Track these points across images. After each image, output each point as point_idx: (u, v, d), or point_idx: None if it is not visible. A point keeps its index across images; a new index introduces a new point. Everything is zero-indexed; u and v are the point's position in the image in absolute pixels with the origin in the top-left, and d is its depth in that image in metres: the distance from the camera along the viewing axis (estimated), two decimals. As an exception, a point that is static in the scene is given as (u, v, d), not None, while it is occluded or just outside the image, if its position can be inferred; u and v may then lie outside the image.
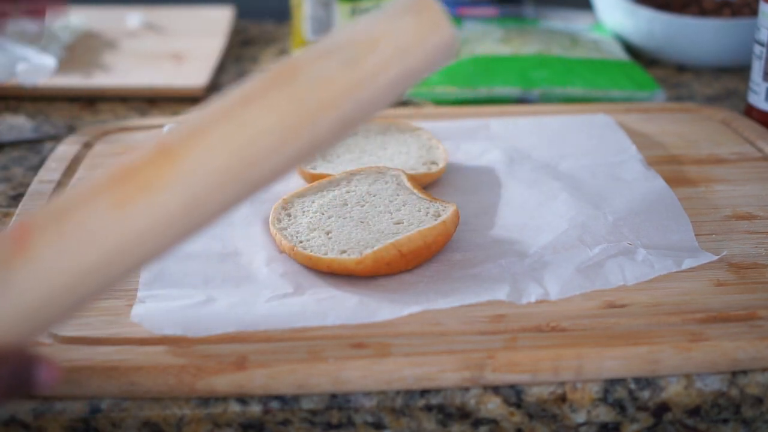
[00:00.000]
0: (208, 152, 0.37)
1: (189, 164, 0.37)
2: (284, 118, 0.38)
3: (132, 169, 0.36)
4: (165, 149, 0.37)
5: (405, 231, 0.53)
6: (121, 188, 0.36)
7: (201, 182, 0.37)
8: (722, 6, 0.91)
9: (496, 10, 1.00)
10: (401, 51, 0.40)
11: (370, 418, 0.46)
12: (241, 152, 0.37)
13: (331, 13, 0.84)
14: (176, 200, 0.36)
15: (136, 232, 0.36)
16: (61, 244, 0.35)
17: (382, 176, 0.59)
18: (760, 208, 0.60)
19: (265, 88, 0.38)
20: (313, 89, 0.38)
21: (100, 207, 0.36)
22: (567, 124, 0.71)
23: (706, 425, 0.47)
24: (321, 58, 0.39)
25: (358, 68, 0.39)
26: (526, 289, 0.51)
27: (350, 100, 0.39)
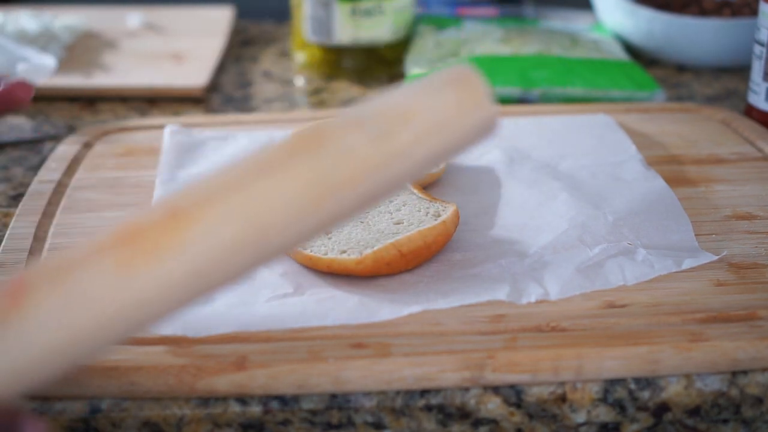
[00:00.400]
0: (220, 221, 0.35)
1: (199, 232, 0.35)
2: (304, 191, 0.36)
3: (139, 231, 0.35)
4: (175, 213, 0.35)
5: (405, 231, 0.53)
6: (125, 251, 0.34)
7: (210, 251, 0.35)
8: (722, 6, 0.91)
9: (496, 10, 1.00)
10: (437, 128, 0.37)
11: (370, 418, 0.46)
12: (255, 223, 0.35)
13: (331, 13, 0.84)
14: (182, 268, 0.34)
15: (136, 297, 0.34)
16: (57, 304, 0.34)
17: None
18: (760, 208, 0.60)
19: (288, 157, 0.36)
20: (339, 163, 0.36)
21: (101, 268, 0.34)
22: (567, 124, 0.71)
23: (706, 425, 0.47)
24: (350, 130, 0.37)
25: (389, 144, 0.36)
26: (526, 289, 0.51)
27: (377, 177, 0.36)
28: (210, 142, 0.68)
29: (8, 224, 0.59)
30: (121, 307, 0.34)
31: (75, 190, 0.63)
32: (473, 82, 0.37)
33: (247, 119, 0.74)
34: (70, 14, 0.98)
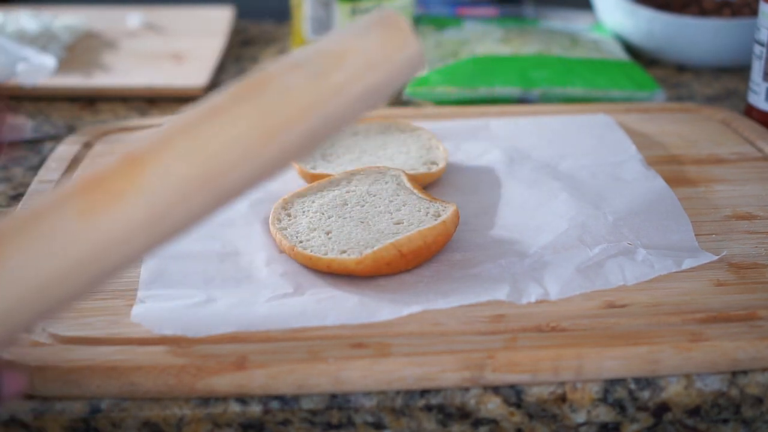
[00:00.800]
0: (175, 161, 0.37)
1: (154, 174, 0.37)
2: (251, 129, 0.38)
3: (99, 178, 0.36)
4: (132, 158, 0.37)
5: (405, 231, 0.53)
6: (87, 197, 0.36)
7: (167, 191, 0.37)
8: (722, 6, 0.91)
9: (496, 10, 1.00)
10: (368, 65, 0.40)
11: (370, 418, 0.46)
12: (208, 162, 0.37)
13: (331, 13, 0.84)
14: (143, 209, 0.36)
15: (102, 240, 0.36)
16: (26, 252, 0.35)
17: (382, 176, 0.59)
18: (760, 208, 0.60)
19: (234, 100, 0.39)
20: (280, 102, 0.39)
21: (66, 215, 0.35)
22: (567, 124, 0.71)
23: (706, 425, 0.47)
24: (289, 71, 0.40)
25: (325, 82, 0.39)
26: (526, 289, 0.51)
27: (317, 114, 0.39)
28: None
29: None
30: (87, 252, 0.35)
31: (75, 190, 0.63)
32: (398, 23, 0.41)
33: (247, 119, 0.74)
34: (70, 14, 0.98)
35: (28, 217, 0.36)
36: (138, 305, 0.49)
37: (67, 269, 0.35)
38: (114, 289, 0.52)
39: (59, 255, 0.35)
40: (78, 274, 0.35)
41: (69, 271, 0.35)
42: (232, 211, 0.58)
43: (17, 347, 0.47)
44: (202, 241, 0.55)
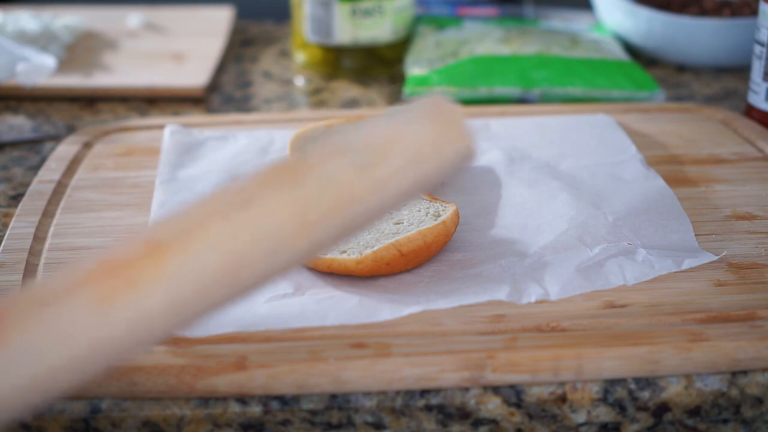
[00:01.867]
0: (200, 252, 0.34)
1: (178, 263, 0.34)
2: (286, 222, 0.35)
3: (118, 263, 0.34)
4: (155, 245, 0.35)
5: (405, 231, 0.53)
6: (104, 283, 0.34)
7: (189, 283, 0.34)
8: (722, 6, 0.91)
9: (496, 10, 1.00)
10: (416, 158, 0.37)
11: (370, 418, 0.46)
12: (235, 254, 0.35)
13: (331, 13, 0.84)
14: (161, 300, 0.34)
15: (115, 330, 0.34)
16: (37, 337, 0.33)
17: None
18: (760, 208, 0.60)
19: (270, 187, 0.36)
20: (321, 193, 0.36)
21: (80, 300, 0.34)
22: (567, 124, 0.71)
23: (706, 425, 0.47)
24: (332, 159, 0.36)
25: (370, 175, 0.36)
26: (527, 289, 0.51)
27: (358, 207, 0.36)
28: (210, 142, 0.68)
29: (8, 224, 0.60)
30: (101, 341, 0.34)
31: (75, 190, 0.63)
32: (450, 112, 0.38)
33: (247, 119, 0.74)
34: (70, 14, 0.98)
35: (43, 297, 0.34)
36: None
37: (81, 355, 0.34)
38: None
39: (74, 340, 0.34)
40: (91, 360, 0.34)
41: (82, 356, 0.34)
42: None
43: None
44: None
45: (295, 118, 0.75)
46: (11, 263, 0.54)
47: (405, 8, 0.87)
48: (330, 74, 0.88)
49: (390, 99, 0.83)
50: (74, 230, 0.58)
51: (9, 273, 0.53)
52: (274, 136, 0.69)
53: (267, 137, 0.68)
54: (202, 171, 0.64)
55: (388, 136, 0.37)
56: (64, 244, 0.56)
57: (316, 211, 0.36)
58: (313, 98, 0.85)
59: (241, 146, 0.67)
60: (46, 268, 0.54)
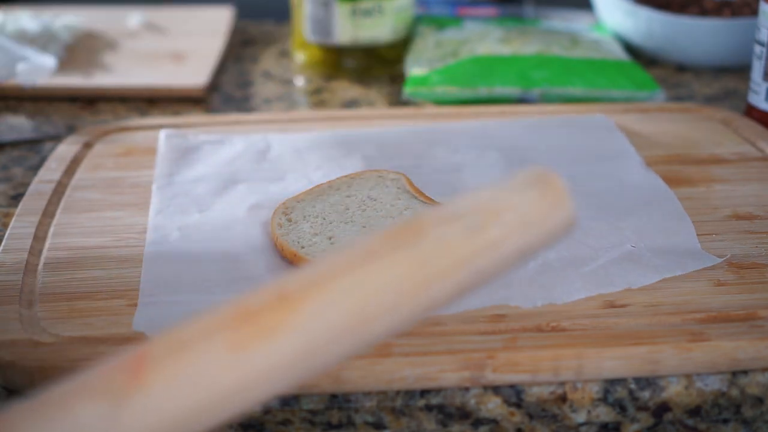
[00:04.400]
0: (328, 303, 0.36)
1: (308, 313, 0.36)
2: (406, 278, 0.37)
3: (250, 311, 0.36)
4: (285, 295, 0.36)
5: None
6: (238, 330, 0.36)
7: (318, 332, 0.36)
8: (722, 6, 0.91)
9: (496, 10, 1.00)
10: (524, 224, 0.39)
11: (370, 418, 0.46)
12: (358, 308, 0.37)
13: (331, 13, 0.84)
14: (292, 348, 0.36)
15: (250, 376, 0.35)
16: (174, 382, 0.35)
17: (382, 180, 0.59)
18: (760, 208, 0.60)
19: (390, 247, 0.38)
20: (435, 254, 0.38)
21: (216, 347, 0.35)
22: (564, 126, 0.71)
23: (707, 425, 0.47)
24: (446, 223, 0.39)
25: (481, 237, 0.38)
26: (532, 293, 0.50)
27: (470, 268, 0.38)
28: (205, 146, 0.68)
29: (8, 224, 0.59)
30: (234, 386, 0.35)
31: (75, 190, 0.63)
32: (554, 183, 0.40)
33: (247, 119, 0.74)
34: (70, 14, 0.98)
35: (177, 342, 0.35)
36: (139, 313, 0.49)
37: (213, 401, 0.35)
38: (114, 289, 0.52)
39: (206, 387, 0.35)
40: (222, 407, 0.35)
41: (214, 403, 0.35)
42: (231, 217, 0.58)
43: (17, 347, 0.47)
44: (202, 246, 0.55)
45: (295, 118, 0.75)
46: (11, 263, 0.54)
47: (405, 8, 0.87)
48: (330, 74, 0.88)
49: (390, 99, 0.83)
50: (74, 230, 0.58)
51: (9, 273, 0.53)
52: (270, 140, 0.68)
53: (263, 142, 0.68)
54: (199, 176, 0.64)
55: (497, 202, 0.39)
56: (64, 244, 0.56)
57: (431, 269, 0.37)
58: (313, 98, 0.85)
59: (237, 150, 0.67)
60: (46, 267, 0.54)
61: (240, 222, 0.58)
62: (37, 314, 0.50)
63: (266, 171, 0.64)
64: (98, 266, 0.54)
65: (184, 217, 0.58)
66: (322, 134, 0.69)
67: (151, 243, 0.55)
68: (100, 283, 0.52)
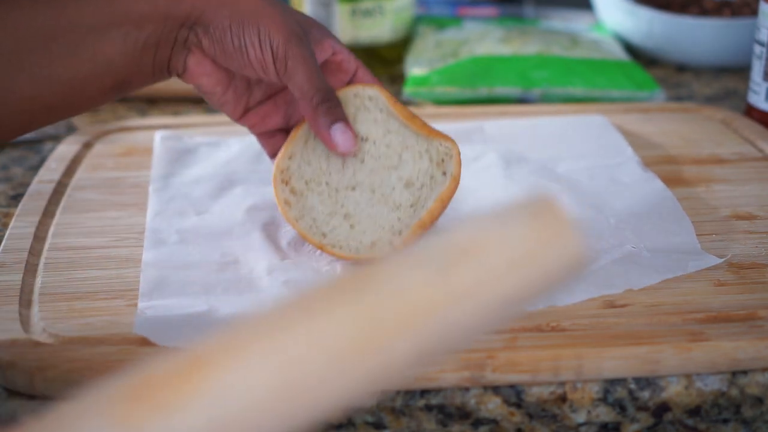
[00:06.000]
0: (245, 368, 0.30)
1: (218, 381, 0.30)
2: (349, 334, 0.30)
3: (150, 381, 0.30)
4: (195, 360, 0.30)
5: (418, 195, 0.53)
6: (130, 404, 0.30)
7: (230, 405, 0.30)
8: (722, 6, 0.91)
9: (496, 10, 1.00)
10: (508, 264, 0.31)
11: (370, 418, 0.46)
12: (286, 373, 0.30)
13: (331, 13, 0.84)
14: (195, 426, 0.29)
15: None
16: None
17: (361, 102, 0.55)
18: (760, 208, 0.60)
19: (333, 296, 0.31)
20: (388, 304, 0.31)
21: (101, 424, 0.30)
22: (562, 126, 0.71)
23: (707, 425, 0.47)
24: (405, 265, 0.32)
25: (450, 282, 0.31)
26: None
27: (437, 320, 0.31)
28: (201, 148, 0.68)
29: (8, 224, 0.59)
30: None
31: (75, 190, 0.63)
32: (555, 212, 0.32)
33: (247, 119, 0.74)
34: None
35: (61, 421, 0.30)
36: (139, 316, 0.49)
37: None
38: (114, 289, 0.52)
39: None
40: None
41: None
42: (230, 220, 0.58)
43: (17, 347, 0.47)
44: (202, 250, 0.55)
45: (295, 118, 0.75)
46: (11, 263, 0.54)
47: (405, 8, 0.87)
48: (330, 74, 0.88)
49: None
50: (74, 230, 0.58)
51: (9, 273, 0.53)
52: None
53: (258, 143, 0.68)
54: (196, 178, 0.63)
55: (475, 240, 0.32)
56: (64, 244, 0.56)
57: (381, 324, 0.31)
58: (313, 98, 0.85)
59: (233, 153, 0.67)
60: (46, 267, 0.54)
61: (238, 224, 0.58)
62: (37, 314, 0.50)
63: (263, 173, 0.64)
64: (98, 266, 0.54)
65: (182, 220, 0.58)
66: None
67: (149, 246, 0.55)
68: (100, 283, 0.52)
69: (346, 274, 0.32)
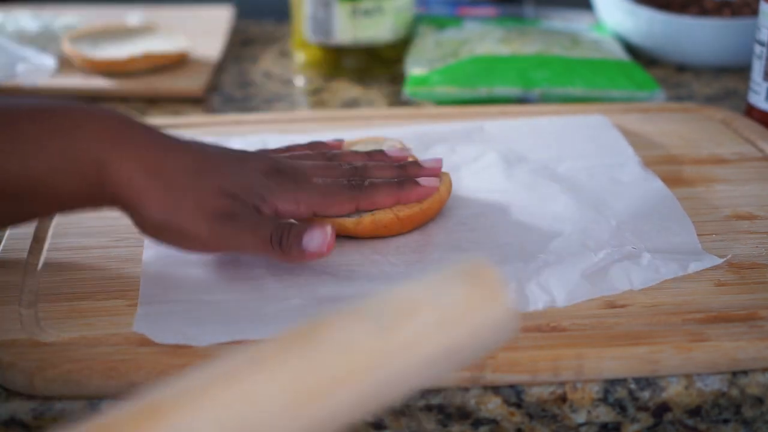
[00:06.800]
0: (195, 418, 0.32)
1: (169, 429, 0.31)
2: (292, 386, 0.32)
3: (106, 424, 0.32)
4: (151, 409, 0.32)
5: None
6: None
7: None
8: (722, 6, 0.91)
9: (496, 10, 1.00)
10: (445, 323, 0.34)
11: (370, 418, 0.46)
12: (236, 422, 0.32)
13: (331, 13, 0.84)
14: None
15: None
16: None
17: (379, 146, 0.62)
18: (760, 208, 0.60)
19: (280, 350, 0.33)
20: (332, 356, 0.33)
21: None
22: (563, 126, 0.71)
23: (707, 425, 0.47)
24: (349, 322, 0.34)
25: (391, 338, 0.33)
26: (533, 296, 0.50)
27: (376, 374, 0.33)
28: None
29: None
30: None
31: (75, 190, 0.63)
32: (487, 276, 0.35)
33: (246, 119, 0.74)
34: (70, 14, 0.98)
35: None
36: (139, 314, 0.49)
37: None
38: (114, 289, 0.52)
39: None
40: None
41: None
42: None
43: (17, 347, 0.47)
44: None
45: (295, 118, 0.75)
46: (11, 263, 0.54)
47: (405, 8, 0.87)
48: (330, 74, 0.88)
49: (390, 99, 0.83)
50: (74, 230, 0.58)
51: (9, 273, 0.53)
52: (267, 141, 0.68)
53: (261, 143, 0.68)
54: None
55: (414, 299, 0.35)
56: (64, 244, 0.56)
57: (325, 375, 0.33)
58: (313, 98, 0.85)
59: None
60: (46, 267, 0.54)
61: None
62: (37, 314, 0.50)
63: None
64: (98, 266, 0.54)
65: None
66: (321, 135, 0.69)
67: (150, 245, 0.55)
68: (100, 283, 0.52)
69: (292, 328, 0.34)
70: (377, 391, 0.34)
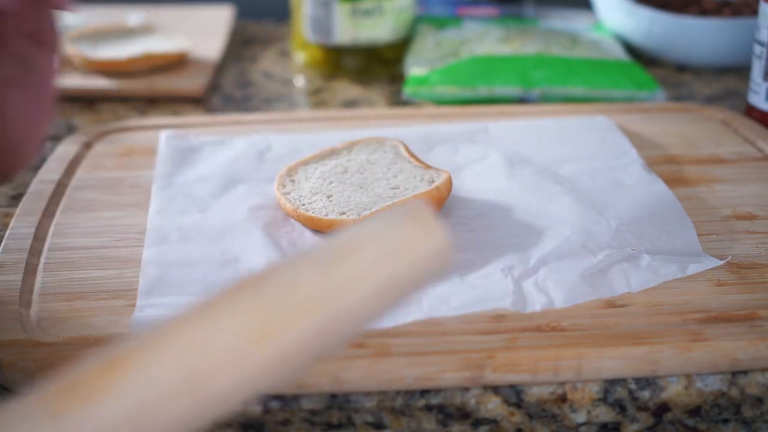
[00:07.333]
0: (156, 363, 0.34)
1: (134, 375, 0.34)
2: (244, 328, 0.35)
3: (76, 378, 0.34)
4: (114, 359, 0.34)
5: (401, 195, 0.57)
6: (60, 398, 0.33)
7: (146, 395, 0.34)
8: (722, 6, 0.91)
9: (496, 10, 1.00)
10: (384, 258, 0.36)
11: (370, 418, 0.46)
12: (193, 364, 0.34)
13: (331, 13, 0.84)
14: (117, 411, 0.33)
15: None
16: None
17: (381, 146, 0.63)
18: (760, 208, 0.60)
19: (231, 296, 0.35)
20: (281, 297, 0.35)
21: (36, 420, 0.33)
22: (566, 127, 0.71)
23: (707, 425, 0.47)
24: (295, 264, 0.36)
25: (334, 274, 0.35)
26: (531, 297, 0.50)
27: (325, 309, 0.35)
28: (206, 147, 0.68)
29: (8, 224, 0.59)
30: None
31: (75, 190, 0.63)
32: (423, 214, 0.37)
33: (247, 119, 0.74)
34: (70, 14, 0.98)
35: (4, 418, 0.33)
36: (138, 314, 0.49)
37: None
38: (114, 289, 0.52)
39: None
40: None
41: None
42: (231, 218, 0.58)
43: (17, 347, 0.47)
44: (202, 248, 0.55)
45: (295, 118, 0.75)
46: (11, 263, 0.54)
47: (405, 8, 0.87)
48: (330, 74, 0.88)
49: (390, 99, 0.83)
50: (74, 230, 0.58)
51: (9, 273, 0.53)
52: (270, 141, 0.68)
53: (264, 142, 0.68)
54: (199, 176, 0.63)
55: (355, 239, 0.37)
56: (64, 244, 0.56)
57: (275, 315, 0.35)
58: (313, 98, 0.85)
59: (237, 151, 0.67)
60: (46, 267, 0.54)
61: (240, 223, 0.58)
62: (37, 314, 0.50)
63: (266, 171, 0.64)
64: (98, 266, 0.54)
65: (184, 218, 0.58)
66: (322, 135, 0.69)
67: (150, 243, 0.55)
68: (100, 283, 0.52)
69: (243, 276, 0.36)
70: (327, 328, 0.35)
